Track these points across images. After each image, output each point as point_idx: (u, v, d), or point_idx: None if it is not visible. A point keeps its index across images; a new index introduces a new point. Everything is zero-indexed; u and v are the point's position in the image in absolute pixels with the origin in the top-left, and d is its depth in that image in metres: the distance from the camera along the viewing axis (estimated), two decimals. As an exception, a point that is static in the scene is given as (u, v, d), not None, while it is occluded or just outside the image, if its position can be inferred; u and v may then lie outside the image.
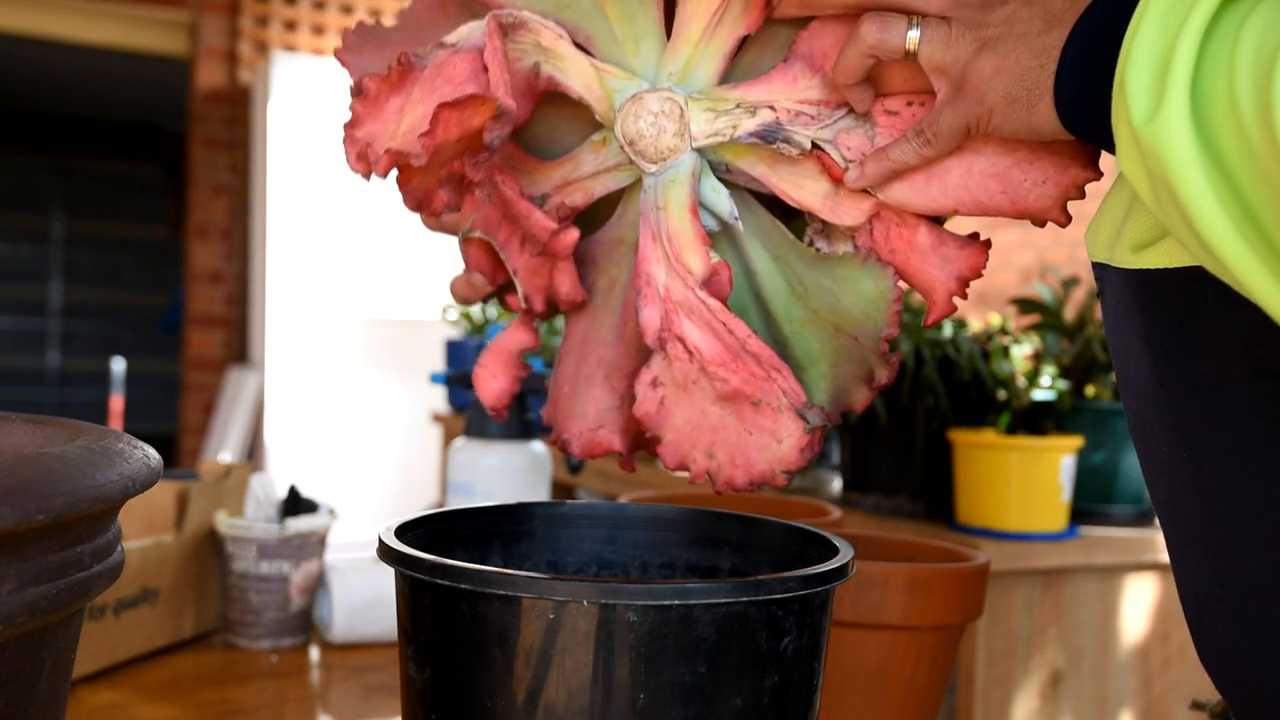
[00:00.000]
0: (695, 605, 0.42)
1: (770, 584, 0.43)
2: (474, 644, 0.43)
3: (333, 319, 4.07)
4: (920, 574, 0.64)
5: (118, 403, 4.53)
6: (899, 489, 1.50)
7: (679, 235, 0.55)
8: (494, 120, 0.52)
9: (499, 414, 0.63)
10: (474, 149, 0.55)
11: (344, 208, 3.98)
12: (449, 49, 0.54)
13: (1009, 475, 1.34)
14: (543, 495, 1.01)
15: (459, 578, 0.43)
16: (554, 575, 0.43)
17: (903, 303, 0.55)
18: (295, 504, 0.92)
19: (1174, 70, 0.36)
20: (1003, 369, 1.43)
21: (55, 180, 7.29)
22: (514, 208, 0.56)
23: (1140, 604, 1.43)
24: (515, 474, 0.99)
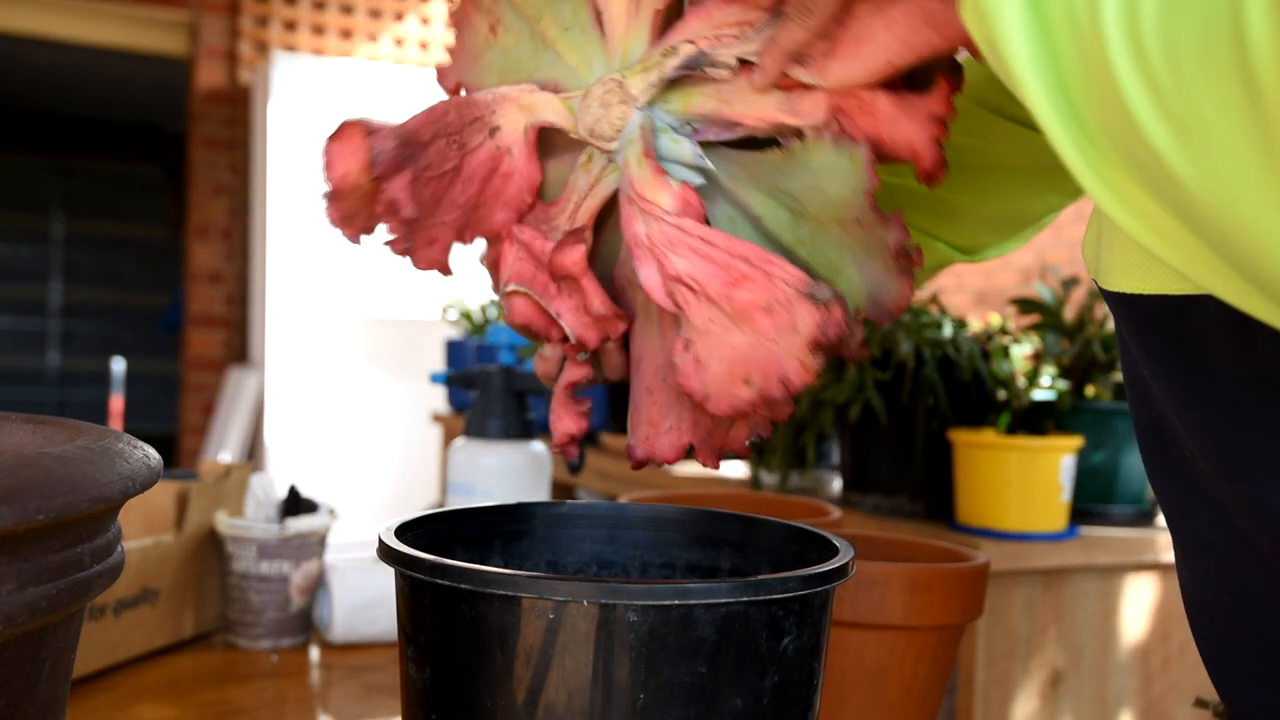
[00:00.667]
0: (695, 605, 0.42)
1: (770, 584, 0.43)
2: (474, 644, 0.43)
3: (333, 319, 4.07)
4: (920, 574, 0.64)
5: (118, 403, 4.53)
6: (899, 489, 1.50)
7: (639, 180, 0.56)
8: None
9: (565, 453, 0.65)
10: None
11: (344, 208, 3.97)
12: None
13: (1009, 475, 1.34)
14: (543, 495, 1.01)
15: (459, 578, 0.43)
16: (554, 575, 0.43)
17: (875, 166, 0.53)
18: (295, 504, 0.92)
19: None
20: (1003, 369, 1.43)
21: (55, 180, 7.30)
22: (531, 248, 0.59)
23: (1140, 604, 1.43)
24: (515, 474, 0.99)
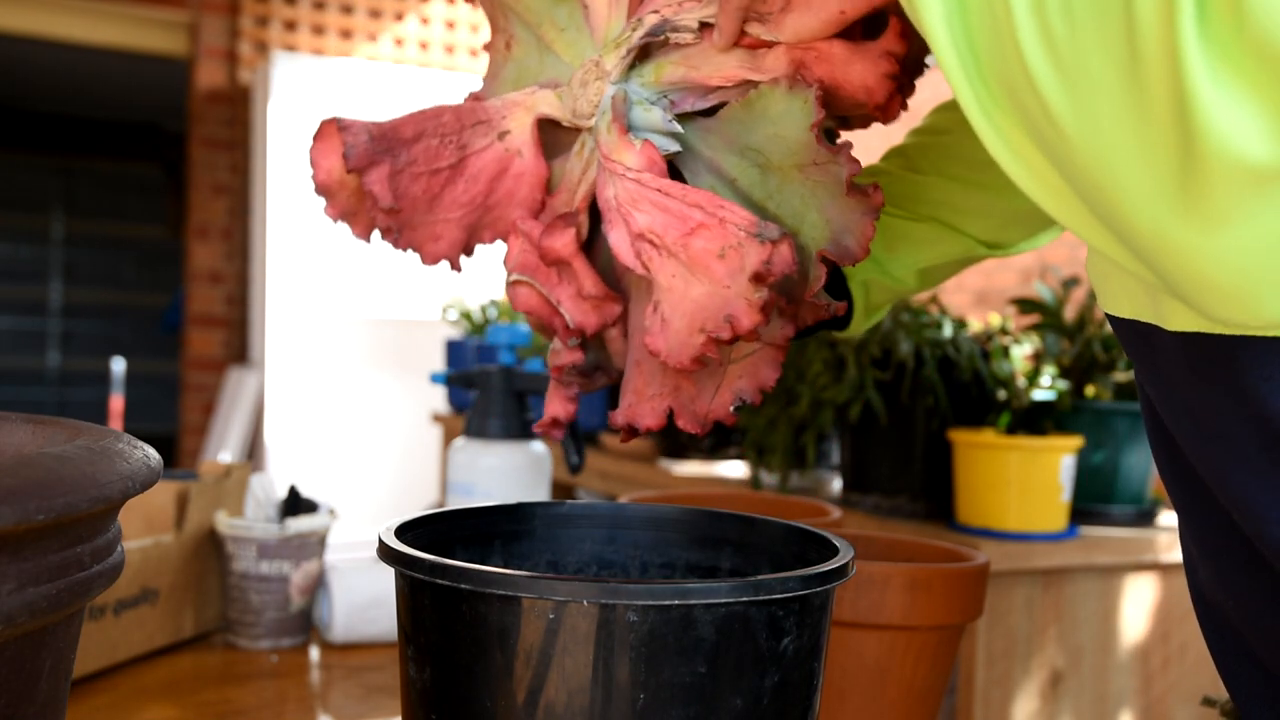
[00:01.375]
0: (695, 605, 0.42)
1: (770, 584, 0.43)
2: (474, 644, 0.43)
3: (333, 319, 4.07)
4: (920, 574, 0.64)
5: (118, 403, 4.53)
6: (899, 489, 1.50)
7: (608, 145, 0.58)
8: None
9: (548, 434, 0.66)
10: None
11: (344, 208, 3.97)
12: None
13: (1009, 475, 1.34)
14: (543, 495, 1.01)
15: (459, 578, 0.43)
16: (554, 575, 0.43)
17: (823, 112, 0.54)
18: (295, 504, 0.92)
19: None
20: (1003, 369, 1.43)
21: (55, 180, 7.29)
22: (532, 238, 0.60)
23: (1140, 604, 1.43)
24: (515, 474, 0.99)
